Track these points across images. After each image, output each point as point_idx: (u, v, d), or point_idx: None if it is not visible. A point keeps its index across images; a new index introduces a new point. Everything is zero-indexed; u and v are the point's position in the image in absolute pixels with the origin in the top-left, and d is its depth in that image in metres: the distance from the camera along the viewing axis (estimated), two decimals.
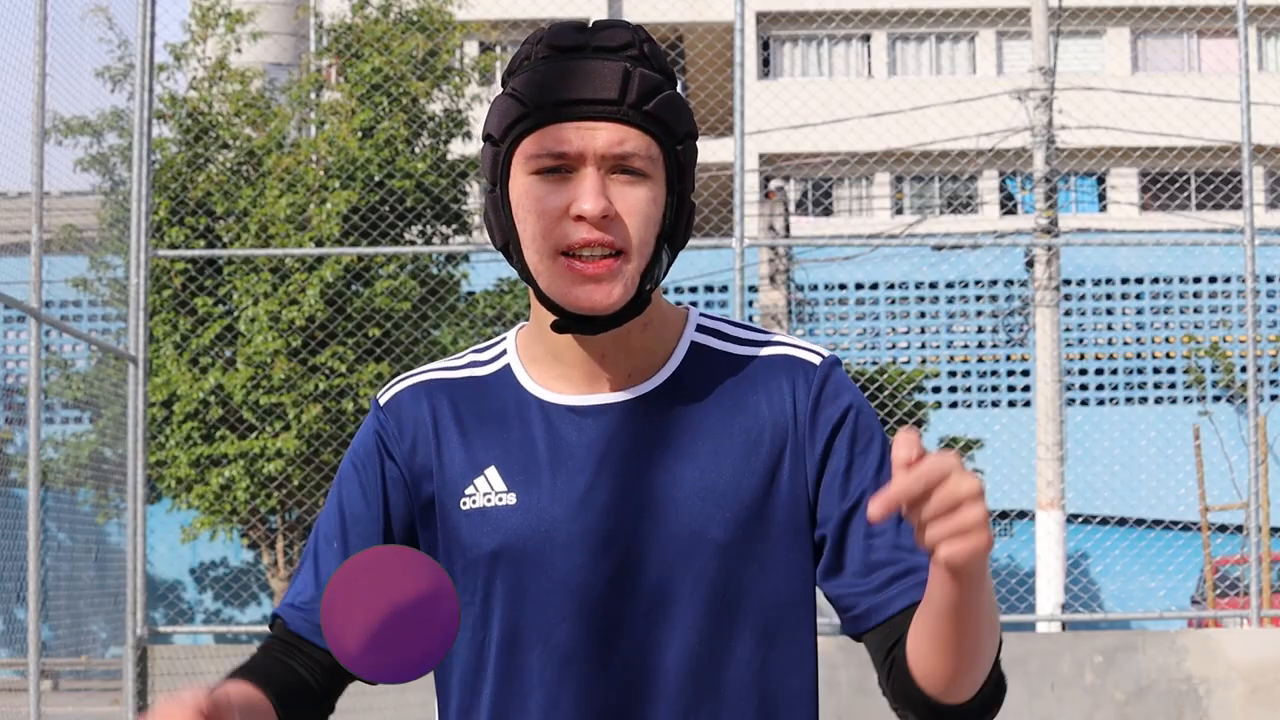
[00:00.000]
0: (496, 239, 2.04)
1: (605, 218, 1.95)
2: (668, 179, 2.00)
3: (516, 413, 2.06)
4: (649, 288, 2.00)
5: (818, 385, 2.05)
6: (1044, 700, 9.19)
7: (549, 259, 1.97)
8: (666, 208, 2.00)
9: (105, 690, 17.65)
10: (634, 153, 1.96)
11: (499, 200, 2.01)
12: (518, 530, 2.00)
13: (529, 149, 1.97)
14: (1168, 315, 23.41)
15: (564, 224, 1.96)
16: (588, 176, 1.95)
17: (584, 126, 1.96)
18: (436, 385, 2.10)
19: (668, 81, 2.00)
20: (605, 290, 1.96)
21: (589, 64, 1.97)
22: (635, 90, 1.97)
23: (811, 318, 22.79)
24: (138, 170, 9.84)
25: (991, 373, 23.76)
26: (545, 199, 1.96)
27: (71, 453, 16.50)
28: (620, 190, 1.96)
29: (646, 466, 2.01)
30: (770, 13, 33.98)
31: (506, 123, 2.00)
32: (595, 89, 1.96)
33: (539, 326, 2.06)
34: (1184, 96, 17.36)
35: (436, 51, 16.86)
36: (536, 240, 1.97)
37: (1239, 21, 10.40)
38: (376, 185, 16.32)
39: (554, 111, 1.96)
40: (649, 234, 1.98)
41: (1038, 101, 14.83)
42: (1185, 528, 21.12)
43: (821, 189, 32.73)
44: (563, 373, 2.05)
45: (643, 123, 1.97)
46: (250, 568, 23.25)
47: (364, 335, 16.12)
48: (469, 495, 2.03)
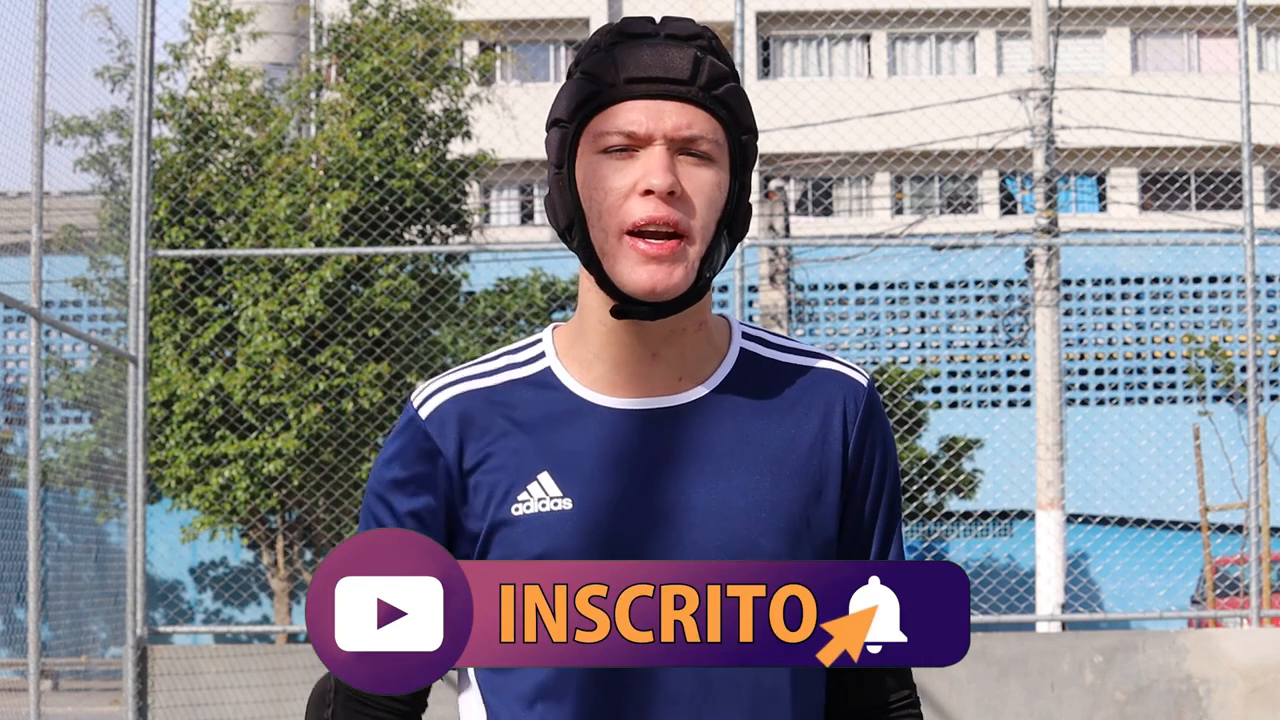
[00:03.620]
0: (560, 219, 2.03)
1: (672, 194, 1.96)
2: (731, 167, 2.02)
3: (566, 416, 2.04)
4: (709, 275, 2.01)
5: (865, 408, 2.08)
6: (1044, 700, 9.19)
7: (615, 237, 1.97)
8: (729, 194, 2.01)
9: (105, 690, 17.66)
10: (701, 135, 1.98)
11: (565, 181, 2.02)
12: (573, 534, 1.99)
13: (598, 127, 1.99)
14: (1168, 315, 23.41)
15: (631, 201, 1.97)
16: (656, 154, 1.97)
17: (654, 106, 1.98)
18: (476, 393, 2.08)
19: (734, 76, 2.03)
20: (667, 271, 1.96)
21: (661, 48, 2.00)
22: (706, 74, 2.00)
23: (811, 318, 22.79)
24: (138, 170, 9.84)
25: (991, 373, 23.76)
26: (613, 176, 1.98)
27: (71, 453, 16.50)
28: (686, 171, 1.98)
29: (702, 473, 2.01)
30: (770, 13, 33.98)
31: (576, 102, 2.01)
32: (667, 69, 1.98)
33: (586, 324, 2.05)
34: (1184, 96, 17.35)
35: (436, 51, 16.85)
36: (604, 217, 1.98)
37: (1239, 21, 10.40)
38: (376, 185, 16.32)
39: (625, 89, 1.98)
40: (711, 217, 1.99)
41: (1038, 101, 14.83)
42: (1185, 528, 21.12)
43: (821, 189, 32.72)
44: (608, 374, 2.05)
45: (712, 106, 1.99)
46: (250, 568, 23.24)
47: (364, 335, 16.12)
48: (522, 501, 2.02)
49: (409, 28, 16.92)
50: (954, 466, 21.28)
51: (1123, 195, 31.90)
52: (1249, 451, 10.64)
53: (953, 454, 21.11)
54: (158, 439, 16.86)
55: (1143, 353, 23.78)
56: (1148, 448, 22.25)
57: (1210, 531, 16.08)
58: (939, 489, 20.85)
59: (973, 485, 21.15)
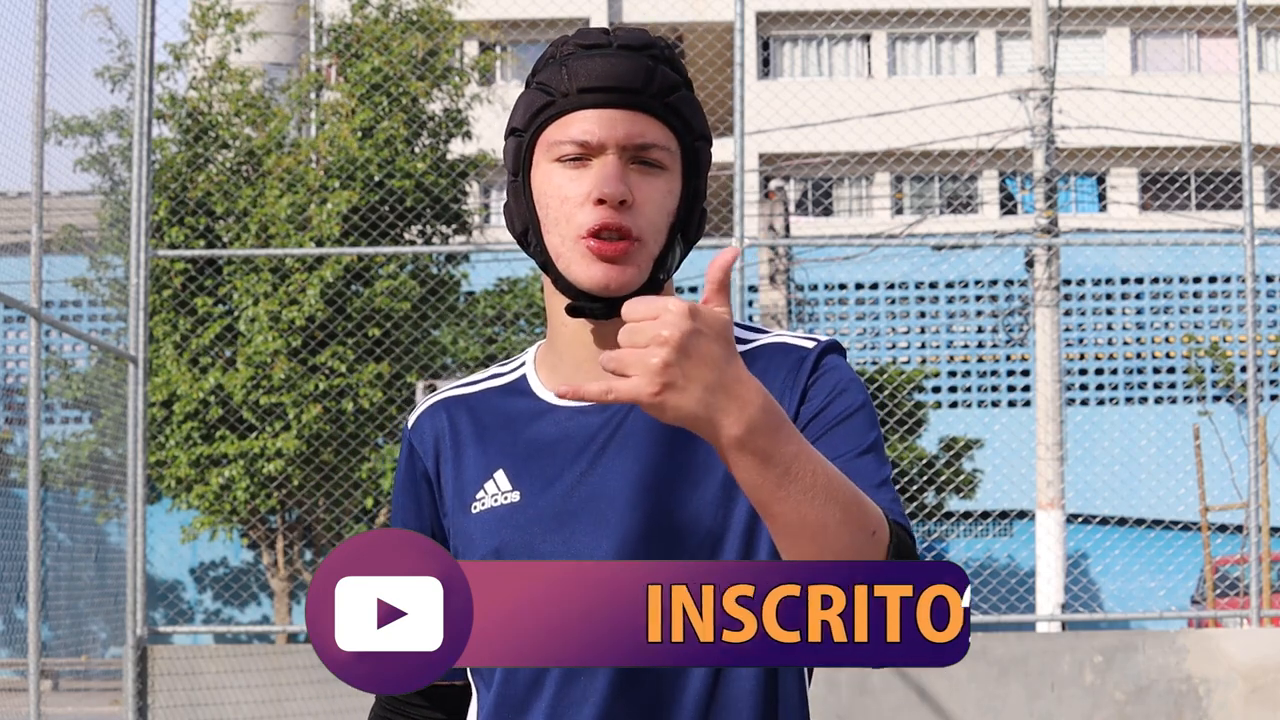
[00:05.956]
0: (516, 225, 2.09)
1: (623, 203, 2.00)
2: (683, 173, 2.06)
3: (527, 418, 2.11)
4: (662, 276, 2.05)
5: (809, 366, 2.07)
6: (1044, 700, 9.19)
7: (570, 241, 2.02)
8: (681, 200, 2.05)
9: (105, 690, 17.66)
10: (654, 143, 2.03)
11: (520, 188, 2.07)
12: (520, 524, 2.04)
13: (552, 136, 2.04)
14: (1168, 315, 23.42)
15: (584, 209, 2.01)
16: (609, 163, 2.01)
17: (606, 115, 2.02)
18: (455, 401, 2.17)
19: (686, 85, 2.07)
20: (619, 270, 2.01)
21: (614, 58, 2.04)
22: (658, 83, 2.04)
23: (811, 317, 22.79)
24: (138, 170, 9.84)
25: (991, 372, 23.76)
26: (566, 185, 2.02)
27: (71, 453, 16.50)
28: (638, 180, 2.02)
29: (639, 458, 2.04)
30: (770, 13, 33.99)
31: (531, 112, 2.06)
32: (619, 78, 2.02)
33: (553, 330, 2.12)
34: (1184, 96, 17.35)
35: (436, 51, 16.85)
36: (559, 225, 2.03)
37: (1239, 21, 10.40)
38: (376, 185, 16.32)
39: (578, 99, 2.02)
40: (664, 222, 2.04)
41: (1038, 101, 14.83)
42: (1185, 528, 21.13)
43: (821, 189, 32.72)
44: (573, 376, 2.09)
45: (664, 114, 2.04)
46: (250, 568, 23.25)
47: (364, 335, 16.12)
48: (479, 499, 2.09)
49: (409, 28, 16.93)
50: (954, 466, 21.29)
51: (1123, 195, 31.90)
52: (1249, 451, 10.64)
53: (953, 454, 21.12)
54: (158, 439, 16.86)
55: (1143, 353, 23.78)
56: (1148, 448, 22.25)
57: (1210, 531, 16.08)
58: (939, 489, 20.86)
59: (973, 485, 21.16)
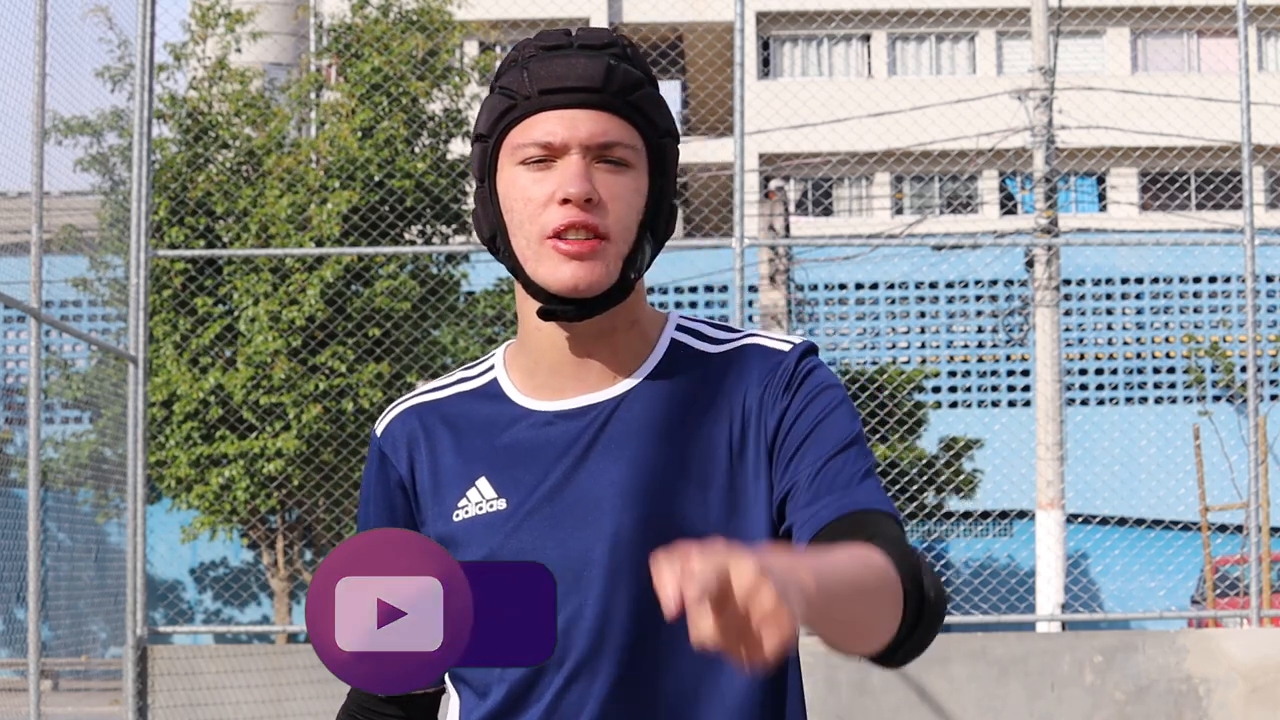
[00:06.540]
0: (484, 231, 2.08)
1: (589, 201, 1.99)
2: (650, 171, 2.05)
3: (505, 423, 2.10)
4: (633, 275, 2.04)
5: (784, 371, 2.07)
6: (1044, 700, 9.19)
7: (536, 243, 2.01)
8: (649, 198, 2.05)
9: (105, 690, 17.66)
10: (617, 142, 2.02)
11: (487, 194, 2.07)
12: (510, 533, 2.04)
13: (515, 139, 2.03)
14: (1168, 315, 23.41)
15: (549, 209, 2.00)
16: (573, 163, 2.00)
17: (568, 115, 2.01)
18: (426, 407, 2.15)
19: (649, 82, 2.06)
20: (589, 268, 2.00)
21: (574, 58, 2.03)
22: (619, 81, 2.03)
23: (811, 318, 22.79)
24: (138, 170, 9.84)
25: (991, 372, 23.76)
26: (531, 187, 2.01)
27: (71, 453, 16.50)
28: (603, 178, 2.01)
29: (619, 460, 2.04)
30: (770, 13, 33.98)
31: (494, 116, 2.05)
32: (580, 78, 2.01)
33: (524, 334, 2.11)
34: (1184, 96, 17.34)
35: (436, 51, 16.86)
36: (524, 227, 2.02)
37: (1239, 21, 10.40)
38: (376, 185, 16.32)
39: (540, 101, 2.02)
40: (631, 220, 2.03)
41: (1038, 101, 14.83)
42: (1185, 528, 21.12)
43: (821, 189, 32.73)
44: (548, 380, 2.09)
45: (626, 112, 2.03)
46: (250, 568, 23.25)
47: (364, 335, 16.12)
48: (462, 507, 2.07)
49: (409, 28, 16.93)
50: (954, 466, 21.29)
51: (1123, 195, 31.91)
52: (1249, 451, 10.64)
53: (953, 454, 21.12)
54: (158, 439, 16.86)
55: (1143, 353, 23.78)
56: (1148, 448, 22.25)
57: (1210, 531, 16.08)
58: (939, 489, 20.86)
59: (973, 485, 21.16)
